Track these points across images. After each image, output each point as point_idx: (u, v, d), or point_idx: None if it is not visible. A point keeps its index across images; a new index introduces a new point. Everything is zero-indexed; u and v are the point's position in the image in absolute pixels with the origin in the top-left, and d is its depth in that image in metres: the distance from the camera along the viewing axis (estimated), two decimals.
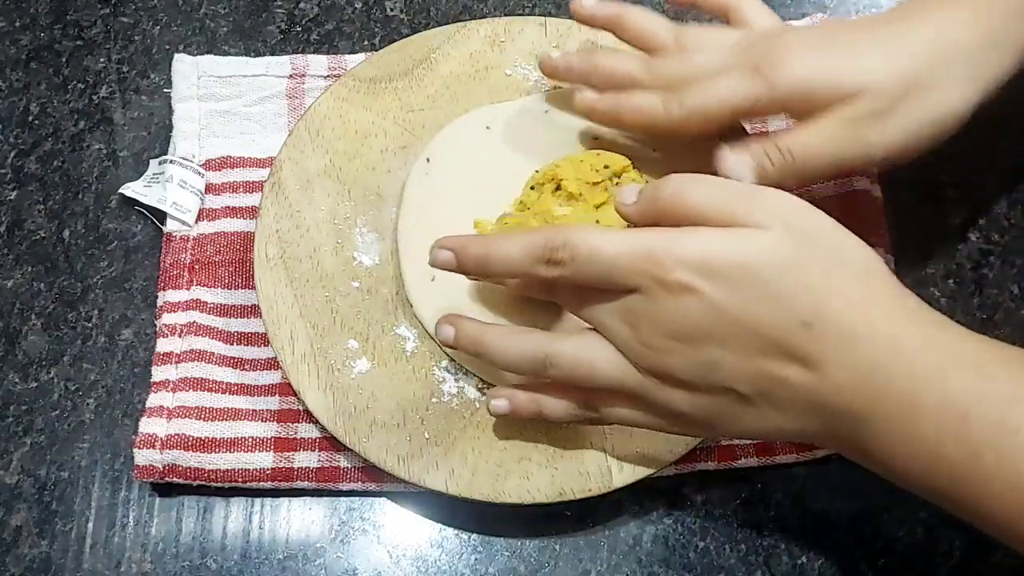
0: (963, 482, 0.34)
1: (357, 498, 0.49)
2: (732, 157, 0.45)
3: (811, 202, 0.52)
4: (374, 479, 0.48)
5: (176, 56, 0.56)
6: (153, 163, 0.55)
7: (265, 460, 0.48)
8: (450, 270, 0.43)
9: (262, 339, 0.50)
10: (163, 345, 0.50)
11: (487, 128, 0.54)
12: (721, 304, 0.36)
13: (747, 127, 0.54)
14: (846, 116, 0.43)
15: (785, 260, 0.36)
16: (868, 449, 0.36)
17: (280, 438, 0.48)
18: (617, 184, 0.48)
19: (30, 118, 0.57)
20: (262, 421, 0.49)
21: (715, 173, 0.45)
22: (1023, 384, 0.33)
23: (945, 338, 0.36)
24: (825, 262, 0.36)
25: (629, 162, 0.48)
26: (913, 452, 0.35)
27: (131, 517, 0.48)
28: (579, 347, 0.41)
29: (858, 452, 0.37)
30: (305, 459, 0.48)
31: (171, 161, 0.53)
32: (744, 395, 0.38)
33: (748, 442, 0.48)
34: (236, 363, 0.50)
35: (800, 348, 0.36)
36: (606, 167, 0.48)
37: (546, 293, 0.44)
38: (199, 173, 0.54)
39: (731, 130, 0.47)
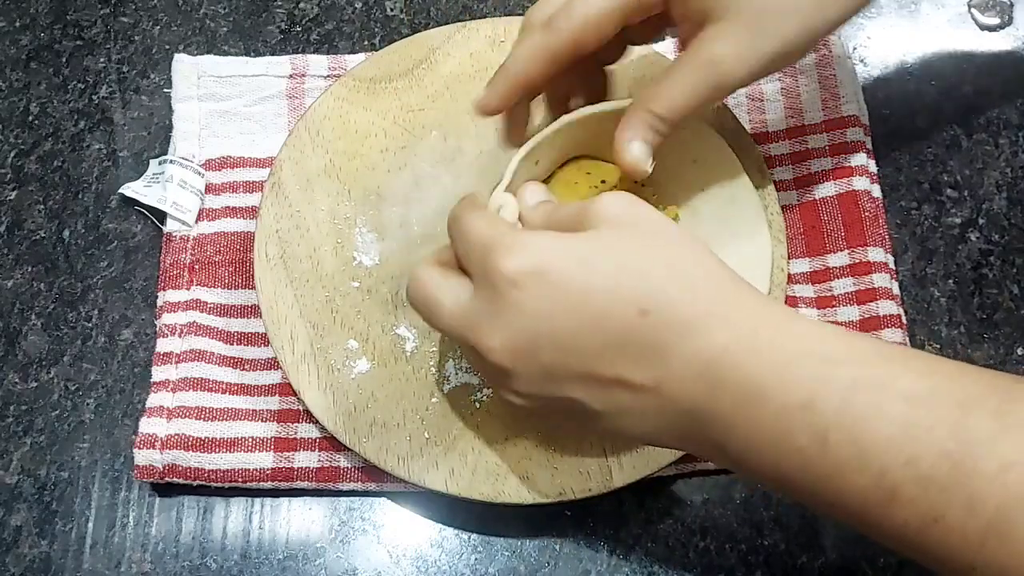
0: (813, 472, 0.33)
1: (357, 498, 0.49)
2: (635, 147, 0.43)
3: (811, 203, 0.53)
4: (374, 479, 0.48)
5: (176, 56, 0.56)
6: (153, 163, 0.55)
7: (265, 460, 0.48)
8: None
9: (262, 339, 0.50)
10: (163, 345, 0.50)
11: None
12: (552, 302, 0.35)
13: (747, 127, 0.54)
14: (704, 51, 0.41)
15: (615, 250, 0.35)
16: (723, 447, 0.35)
17: (280, 438, 0.48)
18: None
19: (30, 118, 0.57)
20: (262, 421, 0.49)
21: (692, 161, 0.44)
22: (867, 367, 0.33)
23: (786, 326, 0.34)
24: (656, 251, 0.36)
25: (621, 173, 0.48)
26: (761, 444, 0.33)
27: (131, 517, 0.48)
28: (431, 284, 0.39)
29: (716, 452, 0.36)
30: (305, 459, 0.48)
31: (171, 161, 0.53)
32: (584, 404, 0.36)
33: None
34: (236, 363, 0.50)
35: (638, 342, 0.34)
36: (603, 182, 0.47)
37: None
38: (199, 173, 0.54)
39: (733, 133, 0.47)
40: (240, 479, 0.48)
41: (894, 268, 0.52)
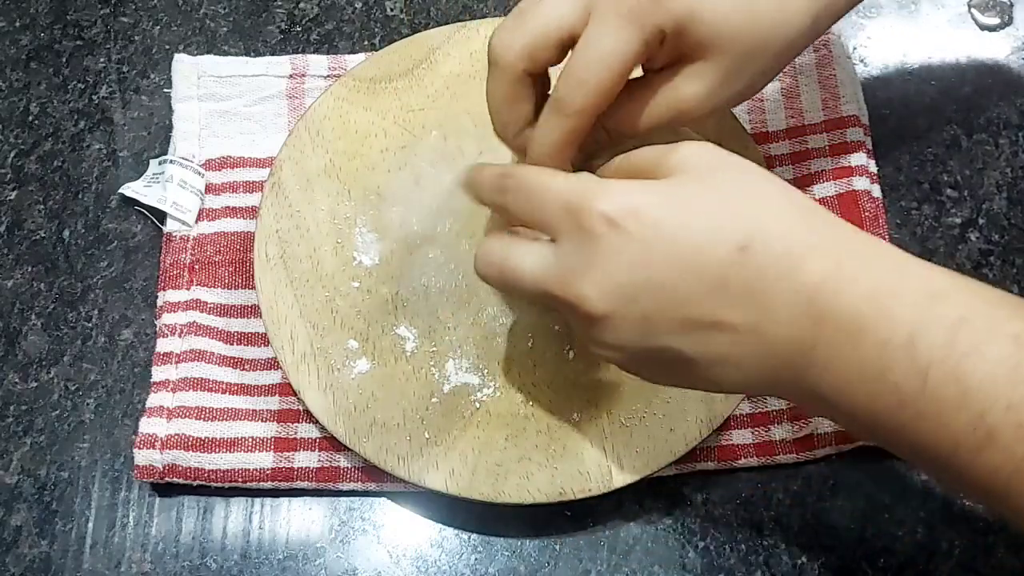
0: (908, 410, 0.32)
1: (357, 498, 0.49)
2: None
3: None
4: (374, 479, 0.48)
5: (176, 56, 0.56)
6: (153, 163, 0.55)
7: (265, 460, 0.48)
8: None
9: (262, 339, 0.50)
10: (163, 345, 0.50)
11: None
12: (651, 244, 0.34)
13: (747, 127, 0.54)
14: (672, 85, 0.41)
15: (707, 192, 0.35)
16: (817, 388, 0.34)
17: (280, 438, 0.48)
18: None
19: (30, 118, 0.57)
20: (262, 421, 0.49)
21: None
22: (974, 305, 0.32)
23: (890, 259, 0.34)
24: (747, 189, 0.35)
25: None
26: (858, 378, 0.33)
27: (131, 517, 0.48)
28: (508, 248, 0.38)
29: (809, 396, 0.35)
30: (305, 459, 0.48)
31: (171, 161, 0.53)
32: (681, 352, 0.35)
33: (748, 442, 0.48)
34: (236, 363, 0.50)
35: (738, 280, 0.34)
36: None
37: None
38: (199, 173, 0.54)
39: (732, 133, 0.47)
40: (240, 479, 0.48)
41: None
